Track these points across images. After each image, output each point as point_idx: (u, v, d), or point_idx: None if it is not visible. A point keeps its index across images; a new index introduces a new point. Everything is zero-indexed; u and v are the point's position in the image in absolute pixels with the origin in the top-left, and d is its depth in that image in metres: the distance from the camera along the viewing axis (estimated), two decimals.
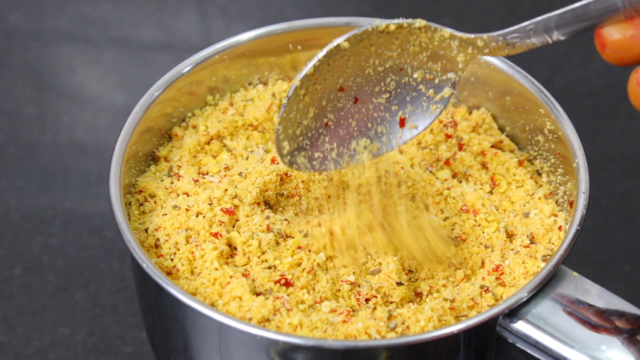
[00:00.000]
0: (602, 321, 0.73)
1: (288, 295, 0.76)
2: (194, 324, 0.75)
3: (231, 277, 0.76)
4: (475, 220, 0.82)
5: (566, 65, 1.23)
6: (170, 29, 1.27)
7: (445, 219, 0.82)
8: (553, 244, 0.81)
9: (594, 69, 1.22)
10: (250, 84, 0.90)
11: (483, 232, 0.82)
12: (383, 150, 0.80)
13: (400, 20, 0.76)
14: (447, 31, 0.76)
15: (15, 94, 1.20)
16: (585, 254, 1.06)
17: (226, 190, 0.81)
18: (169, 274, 0.78)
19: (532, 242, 0.81)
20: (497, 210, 0.83)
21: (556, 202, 0.84)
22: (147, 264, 0.75)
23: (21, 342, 1.00)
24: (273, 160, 0.83)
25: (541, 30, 0.73)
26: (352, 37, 0.75)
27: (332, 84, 0.77)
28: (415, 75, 0.78)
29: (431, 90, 0.78)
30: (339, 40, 0.75)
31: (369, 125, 0.79)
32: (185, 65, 0.86)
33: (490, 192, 0.85)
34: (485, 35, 0.75)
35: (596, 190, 1.09)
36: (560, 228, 0.81)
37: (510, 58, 0.87)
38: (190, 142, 0.86)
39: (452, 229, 0.82)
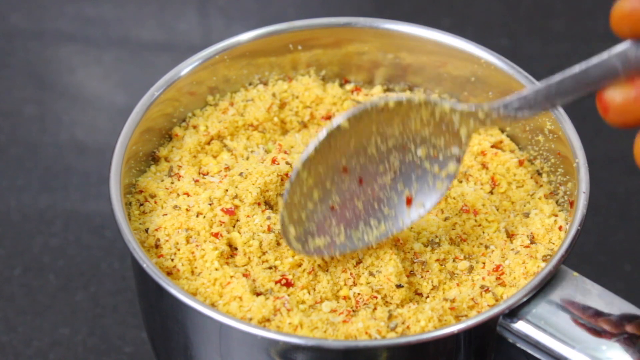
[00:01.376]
0: (603, 321, 0.73)
1: (288, 295, 0.76)
2: (194, 324, 0.75)
3: (232, 277, 0.76)
4: (476, 220, 0.82)
5: (566, 65, 1.22)
6: (170, 29, 1.27)
7: (446, 219, 0.82)
8: (553, 244, 0.81)
9: None
10: (250, 84, 0.90)
11: (483, 232, 0.82)
12: (391, 231, 0.78)
13: (399, 97, 0.74)
14: (447, 106, 0.74)
15: (15, 94, 1.20)
16: (585, 254, 1.06)
17: (227, 190, 0.81)
18: (169, 274, 0.78)
19: (532, 242, 0.81)
20: (498, 210, 0.83)
21: (556, 202, 0.84)
22: (148, 264, 0.75)
23: (22, 342, 1.00)
24: (273, 161, 0.83)
25: (542, 99, 0.71)
26: (351, 117, 0.74)
27: (334, 165, 0.76)
28: (419, 153, 0.77)
29: (436, 167, 0.77)
30: (339, 121, 0.74)
31: (375, 206, 0.78)
32: (186, 65, 0.86)
33: (491, 192, 0.85)
34: (485, 107, 0.74)
35: (596, 190, 1.09)
36: (560, 228, 0.81)
37: (510, 58, 0.87)
38: (190, 142, 0.86)
39: (453, 229, 0.82)
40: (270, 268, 0.78)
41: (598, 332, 0.72)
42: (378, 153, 0.77)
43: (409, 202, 0.78)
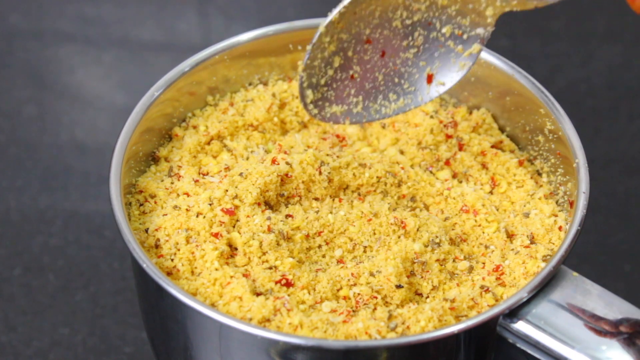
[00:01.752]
0: (603, 321, 0.73)
1: (288, 295, 0.76)
2: (194, 324, 0.75)
3: (231, 277, 0.76)
4: (476, 221, 0.82)
5: (566, 65, 1.23)
6: (170, 29, 1.27)
7: (446, 219, 0.82)
8: (553, 244, 0.81)
9: (594, 69, 1.22)
10: (250, 84, 0.90)
11: (483, 232, 0.82)
12: (410, 106, 0.78)
13: None
14: None
15: (15, 94, 1.20)
16: (585, 254, 1.06)
17: (226, 190, 0.81)
18: (169, 274, 0.78)
19: (532, 242, 0.81)
20: (498, 210, 0.83)
21: (556, 202, 0.84)
22: (148, 264, 0.75)
23: (21, 342, 1.00)
24: (273, 161, 0.83)
25: None
26: None
27: (358, 35, 0.75)
28: (443, 30, 0.76)
29: (460, 46, 0.77)
30: None
31: (396, 80, 0.77)
32: (186, 66, 0.86)
33: (491, 192, 0.85)
34: None
35: (596, 191, 1.09)
36: (560, 228, 0.81)
37: (510, 58, 0.87)
38: (190, 142, 0.86)
39: (453, 229, 0.82)
40: (270, 268, 0.78)
41: (598, 332, 0.72)
42: (403, 27, 0.76)
43: (429, 79, 0.78)
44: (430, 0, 0.75)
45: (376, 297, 0.77)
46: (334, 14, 0.74)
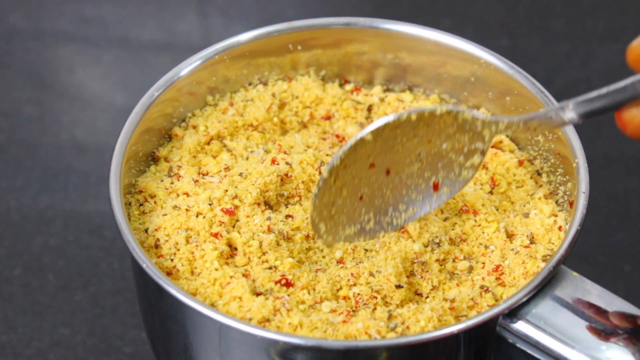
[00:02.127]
0: (603, 321, 0.73)
1: (288, 295, 0.76)
2: (194, 324, 0.75)
3: (231, 277, 0.76)
4: (475, 221, 0.82)
5: (566, 65, 1.23)
6: (170, 29, 1.27)
7: (446, 219, 0.82)
8: (553, 244, 0.81)
9: (594, 69, 1.22)
10: (250, 84, 0.90)
11: (483, 232, 0.82)
12: (419, 213, 0.80)
13: (422, 109, 0.76)
14: (469, 114, 0.76)
15: (15, 94, 1.20)
16: (585, 254, 1.06)
17: (226, 190, 0.81)
18: (169, 274, 0.78)
19: (532, 242, 0.81)
20: (497, 210, 0.83)
21: (556, 202, 0.84)
22: (147, 264, 0.75)
23: (21, 342, 1.00)
24: (273, 161, 0.83)
25: (561, 116, 0.74)
26: (374, 130, 0.76)
27: (362, 165, 0.78)
28: (444, 146, 0.78)
29: (461, 158, 0.79)
30: (362, 134, 0.76)
31: (404, 192, 0.79)
32: (186, 66, 0.86)
33: (490, 192, 0.85)
34: (505, 120, 0.76)
35: (596, 191, 1.09)
36: (560, 228, 0.81)
37: (510, 58, 0.87)
38: (190, 142, 0.86)
39: (452, 229, 0.82)
40: (270, 268, 0.78)
41: (598, 332, 0.72)
42: (404, 149, 0.78)
43: (435, 187, 0.79)
44: (428, 128, 0.77)
45: (376, 297, 0.77)
46: (334, 160, 0.76)
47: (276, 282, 0.77)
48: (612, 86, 0.69)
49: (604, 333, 0.72)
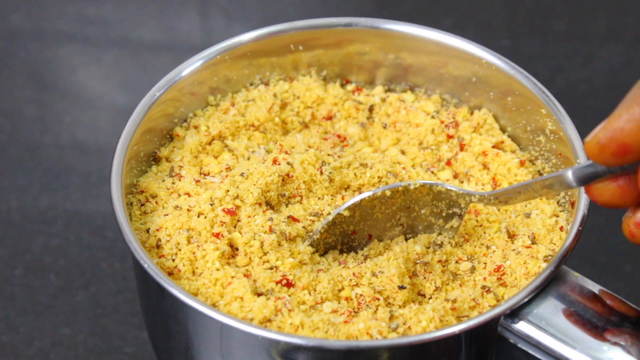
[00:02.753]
0: (604, 322, 0.73)
1: (289, 295, 0.76)
2: (195, 324, 0.75)
3: (232, 277, 0.76)
4: (477, 221, 0.82)
5: (567, 66, 1.23)
6: (171, 30, 1.27)
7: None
8: (554, 244, 0.81)
9: (595, 69, 1.22)
10: (251, 84, 0.90)
11: (485, 233, 0.82)
12: None
13: (396, 185, 0.79)
14: (443, 187, 0.79)
15: (16, 94, 1.20)
16: (586, 255, 1.06)
17: (228, 190, 0.81)
18: (170, 274, 0.78)
19: (533, 243, 0.81)
20: (499, 210, 0.83)
21: (557, 202, 0.84)
22: (149, 264, 0.75)
23: (23, 342, 1.00)
24: (275, 161, 0.83)
25: (530, 190, 0.75)
26: (351, 206, 0.80)
27: (343, 233, 0.81)
28: (422, 211, 0.81)
29: (440, 221, 0.81)
30: (339, 210, 0.80)
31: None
32: (187, 66, 0.86)
33: None
34: (477, 194, 0.78)
35: None
36: (561, 228, 0.81)
37: (511, 58, 0.87)
38: (191, 142, 0.86)
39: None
40: (271, 268, 0.78)
41: (599, 333, 0.72)
42: (383, 216, 0.81)
43: None
44: (405, 198, 0.80)
45: (378, 299, 0.77)
46: (314, 235, 0.80)
47: (277, 283, 0.77)
48: (577, 169, 0.71)
49: (606, 333, 0.72)
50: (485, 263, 0.80)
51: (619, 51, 1.24)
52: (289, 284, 0.77)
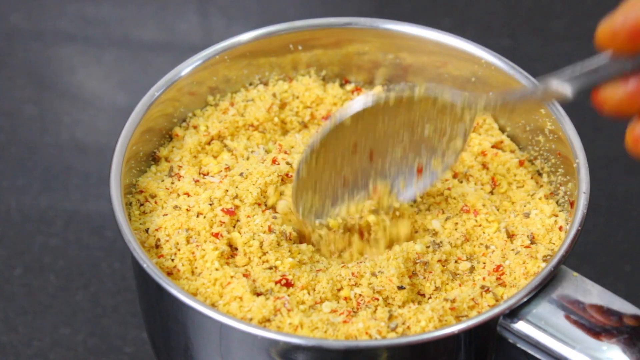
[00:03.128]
0: (603, 322, 0.73)
1: (289, 295, 0.76)
2: (194, 324, 0.75)
3: (232, 277, 0.76)
4: (476, 221, 0.82)
5: (567, 66, 1.23)
6: (171, 29, 1.27)
7: (446, 219, 0.82)
8: (554, 244, 0.81)
9: None
10: (251, 84, 0.90)
11: (484, 233, 0.82)
12: (403, 200, 0.81)
13: (399, 93, 0.77)
14: (447, 99, 0.77)
15: (15, 94, 1.20)
16: (586, 254, 1.06)
17: (227, 190, 0.81)
18: (169, 274, 0.78)
19: (532, 243, 0.81)
20: (498, 210, 0.83)
21: (557, 202, 0.84)
22: (148, 264, 0.75)
23: (22, 342, 1.00)
24: (274, 161, 0.83)
25: (539, 94, 0.74)
26: (354, 115, 0.77)
27: (343, 147, 0.78)
28: (426, 128, 0.79)
29: (444, 142, 0.79)
30: (341, 119, 0.77)
31: (387, 177, 0.80)
32: (186, 66, 0.86)
33: (491, 192, 0.85)
34: (483, 103, 0.76)
35: (597, 191, 1.09)
36: (560, 228, 0.81)
37: (511, 58, 0.87)
38: (191, 142, 0.86)
39: (455, 229, 0.82)
40: (270, 268, 0.78)
41: (598, 333, 0.72)
42: (386, 131, 0.78)
43: (419, 171, 0.80)
44: (409, 112, 0.78)
45: (377, 299, 0.77)
46: (314, 142, 0.77)
47: (276, 282, 0.77)
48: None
49: (605, 333, 0.72)
50: (484, 263, 0.80)
51: None
52: (288, 284, 0.77)
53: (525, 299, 0.74)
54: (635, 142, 0.68)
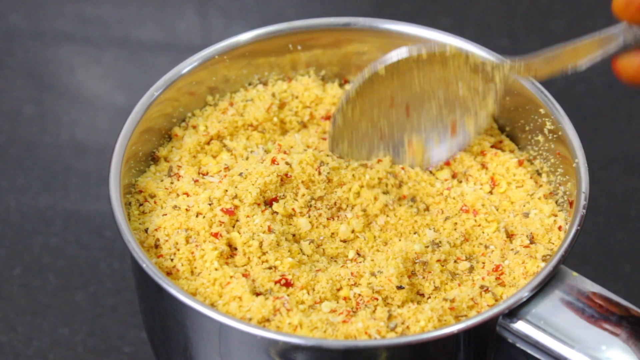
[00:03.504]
0: (602, 321, 0.73)
1: (288, 295, 0.76)
2: (194, 324, 0.75)
3: (231, 277, 0.76)
4: (475, 221, 0.82)
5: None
6: (170, 29, 1.27)
7: (446, 219, 0.82)
8: (553, 244, 0.81)
9: (594, 68, 1.22)
10: (250, 84, 0.90)
11: (483, 232, 0.82)
12: (435, 159, 0.84)
13: (431, 48, 0.80)
14: (478, 59, 0.80)
15: (15, 94, 1.20)
16: (585, 254, 1.06)
17: (226, 190, 0.81)
18: (169, 274, 0.78)
19: (532, 242, 0.81)
20: (497, 210, 0.83)
21: (556, 202, 0.84)
22: (147, 264, 0.75)
23: (21, 342, 1.00)
24: (273, 161, 0.83)
25: (564, 57, 0.78)
26: (388, 66, 0.80)
27: (380, 99, 0.81)
28: (459, 86, 0.81)
29: (477, 100, 0.81)
30: (376, 68, 0.80)
31: (423, 132, 0.82)
32: (185, 66, 0.86)
33: (490, 192, 0.85)
34: (508, 64, 0.79)
35: (596, 190, 1.09)
36: (560, 228, 0.81)
37: (510, 58, 0.87)
38: (190, 142, 0.86)
39: (455, 229, 0.82)
40: (269, 268, 0.78)
41: (598, 332, 0.72)
42: (421, 86, 0.80)
43: (453, 128, 0.82)
44: (443, 68, 0.80)
45: (377, 299, 0.77)
46: (351, 90, 0.80)
47: (276, 282, 0.77)
48: (603, 35, 0.72)
49: (604, 333, 0.72)
50: (483, 263, 0.80)
51: None
52: (287, 284, 0.77)
53: (524, 299, 0.74)
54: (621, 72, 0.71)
